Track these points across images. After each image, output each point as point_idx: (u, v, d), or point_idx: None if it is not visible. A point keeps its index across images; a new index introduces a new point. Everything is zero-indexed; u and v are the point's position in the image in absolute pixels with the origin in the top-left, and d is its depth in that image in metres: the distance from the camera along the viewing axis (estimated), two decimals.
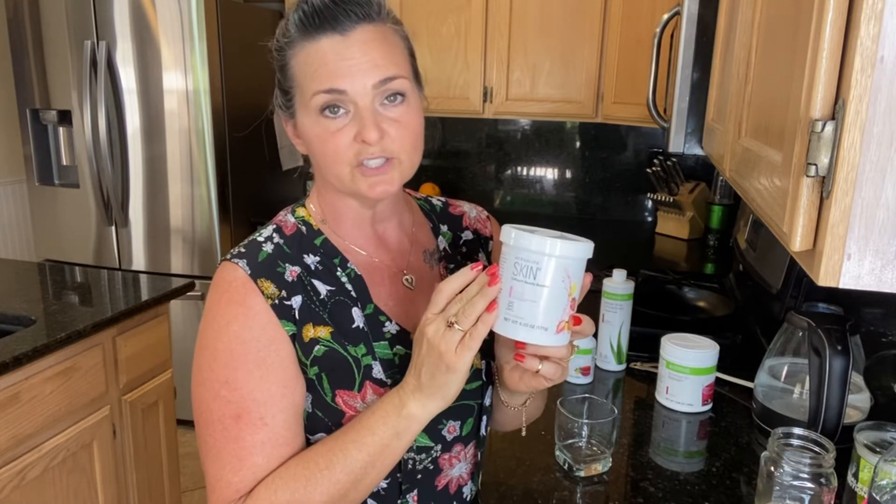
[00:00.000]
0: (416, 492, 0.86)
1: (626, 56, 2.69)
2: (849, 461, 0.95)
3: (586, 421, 1.10)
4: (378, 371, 0.82)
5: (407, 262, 0.90)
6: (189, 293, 2.25)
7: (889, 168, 0.54)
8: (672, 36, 1.68)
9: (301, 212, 0.88)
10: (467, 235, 0.98)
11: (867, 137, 0.54)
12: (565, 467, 1.09)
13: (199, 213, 2.87)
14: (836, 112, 0.56)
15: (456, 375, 0.70)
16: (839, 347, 1.04)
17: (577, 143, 3.26)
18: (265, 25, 3.08)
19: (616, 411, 1.09)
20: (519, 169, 3.36)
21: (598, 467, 1.08)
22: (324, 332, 0.81)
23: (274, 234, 0.84)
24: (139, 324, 1.91)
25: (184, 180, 2.85)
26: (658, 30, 1.74)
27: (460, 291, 0.70)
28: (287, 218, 0.87)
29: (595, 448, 1.09)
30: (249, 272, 0.79)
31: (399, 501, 0.86)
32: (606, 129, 3.19)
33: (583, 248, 0.69)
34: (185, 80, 2.74)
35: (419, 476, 0.86)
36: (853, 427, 0.96)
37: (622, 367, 1.48)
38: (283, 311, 0.79)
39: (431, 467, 0.87)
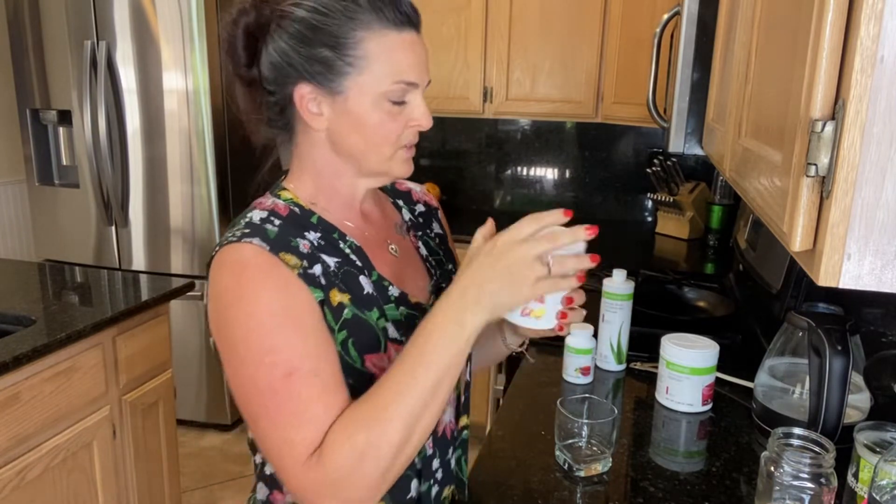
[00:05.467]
0: (429, 440, 0.91)
1: (626, 56, 2.69)
2: (849, 461, 0.95)
3: (586, 421, 1.10)
4: (392, 331, 0.86)
5: (388, 234, 0.97)
6: (189, 293, 2.24)
7: (889, 168, 0.54)
8: (672, 36, 1.68)
9: (286, 195, 0.89)
10: (420, 208, 1.06)
11: (867, 137, 0.54)
12: (565, 467, 1.09)
13: (199, 213, 2.87)
14: (836, 112, 0.56)
15: (511, 303, 0.76)
16: (839, 347, 1.04)
17: (577, 143, 3.26)
18: None
19: (616, 411, 1.09)
20: (519, 169, 3.36)
21: (598, 467, 1.08)
22: (345, 298, 0.84)
23: (271, 217, 0.85)
24: (139, 324, 1.91)
25: (184, 180, 2.85)
26: (658, 30, 1.74)
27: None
28: (276, 201, 0.88)
29: (595, 448, 1.09)
30: (268, 248, 0.80)
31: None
32: (606, 129, 3.18)
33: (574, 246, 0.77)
34: (185, 80, 2.74)
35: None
36: (853, 427, 0.96)
37: (622, 367, 1.48)
38: (309, 279, 0.81)
39: None
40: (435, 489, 0.94)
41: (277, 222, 0.84)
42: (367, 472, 0.74)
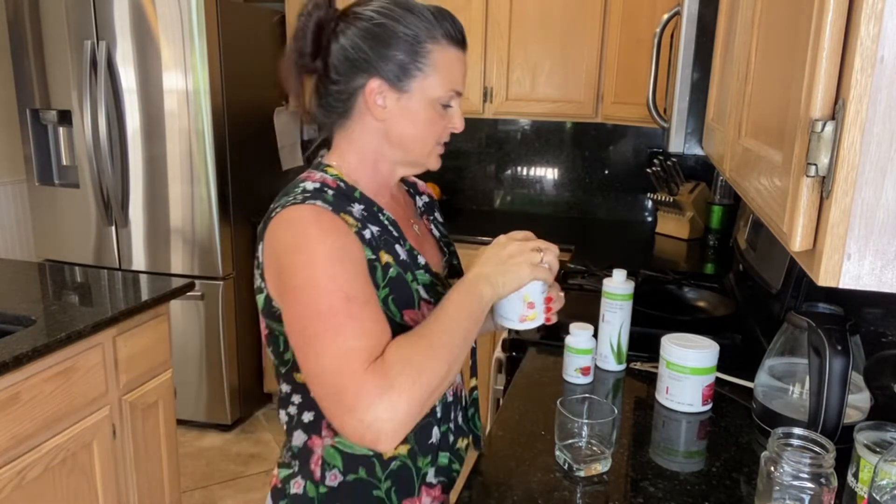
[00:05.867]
0: (449, 389, 1.07)
1: (626, 56, 2.69)
2: (849, 461, 0.95)
3: (586, 421, 1.10)
4: (423, 293, 1.00)
5: (410, 215, 1.11)
6: (189, 293, 2.24)
7: (889, 168, 0.54)
8: (672, 36, 1.68)
9: (332, 171, 1.00)
10: (425, 198, 1.21)
11: (867, 137, 0.54)
12: (565, 467, 1.09)
13: (199, 213, 2.87)
14: (836, 112, 0.56)
15: (516, 282, 0.92)
16: (839, 347, 1.04)
17: (577, 143, 3.26)
18: (265, 25, 3.09)
19: (616, 411, 1.09)
20: (519, 169, 3.36)
21: (598, 467, 1.08)
22: (390, 259, 0.96)
23: (323, 187, 0.95)
24: (139, 324, 1.91)
25: (184, 180, 2.85)
26: (658, 30, 1.74)
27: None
28: (324, 175, 0.98)
29: (595, 448, 1.09)
30: (330, 209, 0.91)
31: (439, 400, 1.04)
32: (606, 129, 3.18)
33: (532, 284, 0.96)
34: (185, 80, 2.74)
35: None
36: (853, 427, 0.96)
37: (622, 367, 1.48)
38: (362, 239, 0.93)
39: None
40: (451, 437, 1.07)
41: (331, 192, 0.95)
42: (424, 384, 0.82)
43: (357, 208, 0.96)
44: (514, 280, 0.91)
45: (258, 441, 3.04)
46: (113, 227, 2.97)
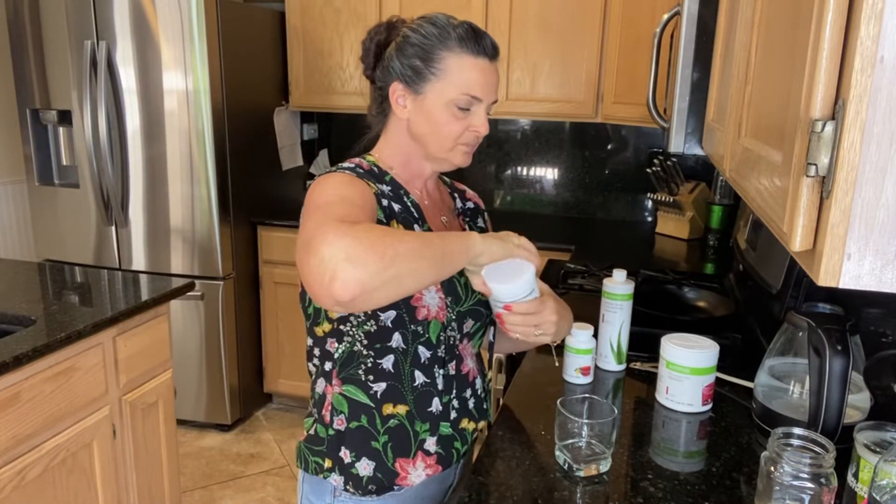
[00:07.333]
0: (453, 363, 1.17)
1: (626, 56, 2.69)
2: (849, 461, 0.95)
3: (586, 421, 1.10)
4: None
5: (443, 210, 1.23)
6: (189, 293, 2.24)
7: (889, 168, 0.54)
8: (672, 36, 1.68)
9: (370, 158, 1.17)
10: (469, 205, 1.33)
11: (867, 137, 0.54)
12: (565, 467, 1.09)
13: (199, 213, 2.87)
14: (836, 112, 0.56)
15: (502, 250, 1.04)
16: (839, 347, 1.04)
17: (577, 143, 3.26)
18: (265, 25, 3.09)
19: (616, 411, 1.09)
20: (519, 169, 3.36)
21: (598, 467, 1.08)
22: (401, 228, 1.08)
23: (357, 167, 1.12)
24: (139, 324, 1.91)
25: (184, 180, 2.85)
26: (658, 30, 1.74)
27: None
28: (361, 160, 1.15)
29: (595, 448, 1.09)
30: (357, 176, 1.08)
31: (441, 370, 1.15)
32: (606, 129, 3.18)
33: (503, 289, 1.05)
34: (185, 80, 2.74)
35: (454, 352, 1.17)
36: (853, 427, 0.96)
37: (622, 367, 1.48)
38: (378, 204, 1.08)
39: (457, 351, 1.17)
40: (455, 413, 1.17)
41: (361, 171, 1.12)
42: (387, 245, 0.88)
43: (384, 188, 1.12)
44: (501, 248, 1.03)
45: (258, 441, 3.04)
46: (113, 227, 2.97)
